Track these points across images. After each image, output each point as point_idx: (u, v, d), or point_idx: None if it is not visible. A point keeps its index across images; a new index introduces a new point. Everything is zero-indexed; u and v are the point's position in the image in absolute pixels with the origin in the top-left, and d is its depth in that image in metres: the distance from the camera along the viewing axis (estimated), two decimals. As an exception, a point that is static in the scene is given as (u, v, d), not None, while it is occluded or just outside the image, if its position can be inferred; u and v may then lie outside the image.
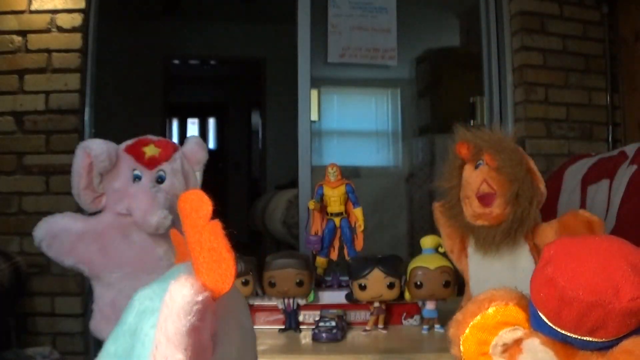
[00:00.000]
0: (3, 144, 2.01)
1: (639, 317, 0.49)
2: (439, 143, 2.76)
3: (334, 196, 1.48)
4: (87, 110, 2.10)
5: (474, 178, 1.16)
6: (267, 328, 1.41)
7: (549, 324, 0.54)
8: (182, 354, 0.44)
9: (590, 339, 0.52)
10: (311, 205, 1.48)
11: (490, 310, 0.58)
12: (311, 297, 1.42)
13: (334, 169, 1.49)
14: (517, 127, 2.34)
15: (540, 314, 0.55)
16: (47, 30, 2.05)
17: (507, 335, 0.58)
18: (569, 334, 0.53)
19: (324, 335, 1.29)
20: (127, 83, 3.95)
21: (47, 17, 2.05)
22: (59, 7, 2.06)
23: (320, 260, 1.52)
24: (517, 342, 0.58)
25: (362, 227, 1.48)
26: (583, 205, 1.70)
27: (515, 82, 2.37)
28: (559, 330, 0.54)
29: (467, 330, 0.59)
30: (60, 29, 2.06)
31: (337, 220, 1.49)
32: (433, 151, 2.80)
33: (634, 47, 2.35)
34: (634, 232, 1.46)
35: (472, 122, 2.44)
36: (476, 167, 1.17)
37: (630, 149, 1.69)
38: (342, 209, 1.49)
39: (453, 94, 2.88)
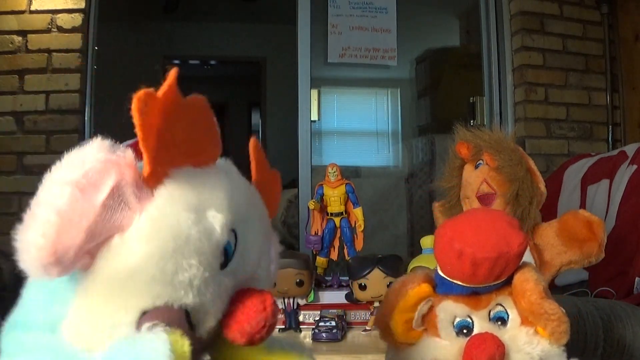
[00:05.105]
0: (3, 144, 2.01)
1: (522, 256, 0.66)
2: (439, 143, 2.76)
3: (334, 196, 1.48)
4: (87, 110, 2.10)
5: (474, 178, 1.16)
6: (267, 328, 1.41)
7: (463, 284, 0.66)
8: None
9: (494, 283, 0.66)
10: (311, 205, 1.48)
11: (409, 293, 0.69)
12: (311, 297, 1.42)
13: (334, 169, 1.48)
14: (517, 127, 2.34)
15: (454, 280, 0.67)
16: (47, 30, 2.05)
17: (423, 307, 0.69)
18: (480, 286, 0.66)
19: (324, 335, 1.28)
20: (127, 83, 3.95)
21: (47, 17, 2.06)
22: (59, 7, 2.06)
23: (320, 260, 1.51)
24: (432, 309, 0.69)
25: (362, 227, 1.47)
26: (583, 205, 1.71)
27: (515, 82, 2.37)
28: (472, 286, 0.66)
29: (394, 317, 0.69)
30: (60, 29, 2.06)
31: (337, 220, 1.49)
32: (433, 151, 2.80)
33: (633, 47, 2.36)
34: (634, 232, 1.46)
35: (472, 122, 2.44)
36: (476, 167, 1.17)
37: (630, 149, 1.69)
38: (342, 209, 1.49)
39: (453, 94, 2.88)
